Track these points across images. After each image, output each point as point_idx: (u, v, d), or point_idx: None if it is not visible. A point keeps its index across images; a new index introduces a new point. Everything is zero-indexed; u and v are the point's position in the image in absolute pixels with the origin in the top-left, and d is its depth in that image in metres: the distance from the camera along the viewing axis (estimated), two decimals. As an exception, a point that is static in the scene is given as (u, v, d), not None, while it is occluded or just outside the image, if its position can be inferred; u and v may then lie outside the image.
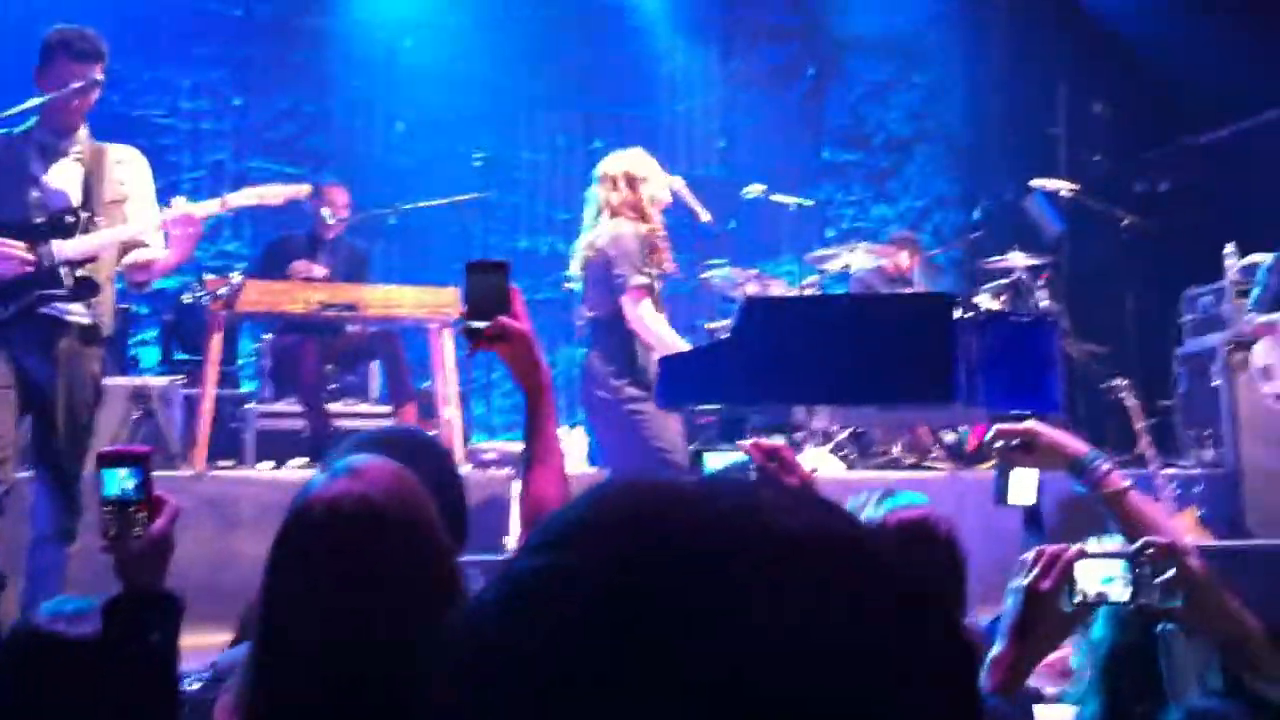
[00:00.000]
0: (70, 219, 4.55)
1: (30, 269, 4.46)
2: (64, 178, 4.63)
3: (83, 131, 4.70)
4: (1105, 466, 2.31)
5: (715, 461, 2.40)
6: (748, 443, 2.39)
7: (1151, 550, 1.96)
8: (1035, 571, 2.00)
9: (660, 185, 5.46)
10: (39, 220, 4.55)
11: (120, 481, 2.14)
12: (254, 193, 4.99)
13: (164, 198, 4.88)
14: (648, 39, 9.78)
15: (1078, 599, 1.98)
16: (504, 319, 2.28)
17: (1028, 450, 2.38)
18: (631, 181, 5.35)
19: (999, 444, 2.41)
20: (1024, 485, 2.42)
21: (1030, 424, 2.41)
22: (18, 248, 4.43)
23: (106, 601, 2.03)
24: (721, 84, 10.12)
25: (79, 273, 4.54)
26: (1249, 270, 7.10)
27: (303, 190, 5.15)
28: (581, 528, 0.69)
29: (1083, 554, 2.01)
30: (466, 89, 9.22)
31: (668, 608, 0.64)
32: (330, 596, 1.67)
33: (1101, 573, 1.98)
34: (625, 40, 9.78)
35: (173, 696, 1.94)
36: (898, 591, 0.68)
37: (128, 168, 4.75)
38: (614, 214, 5.33)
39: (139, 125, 8.45)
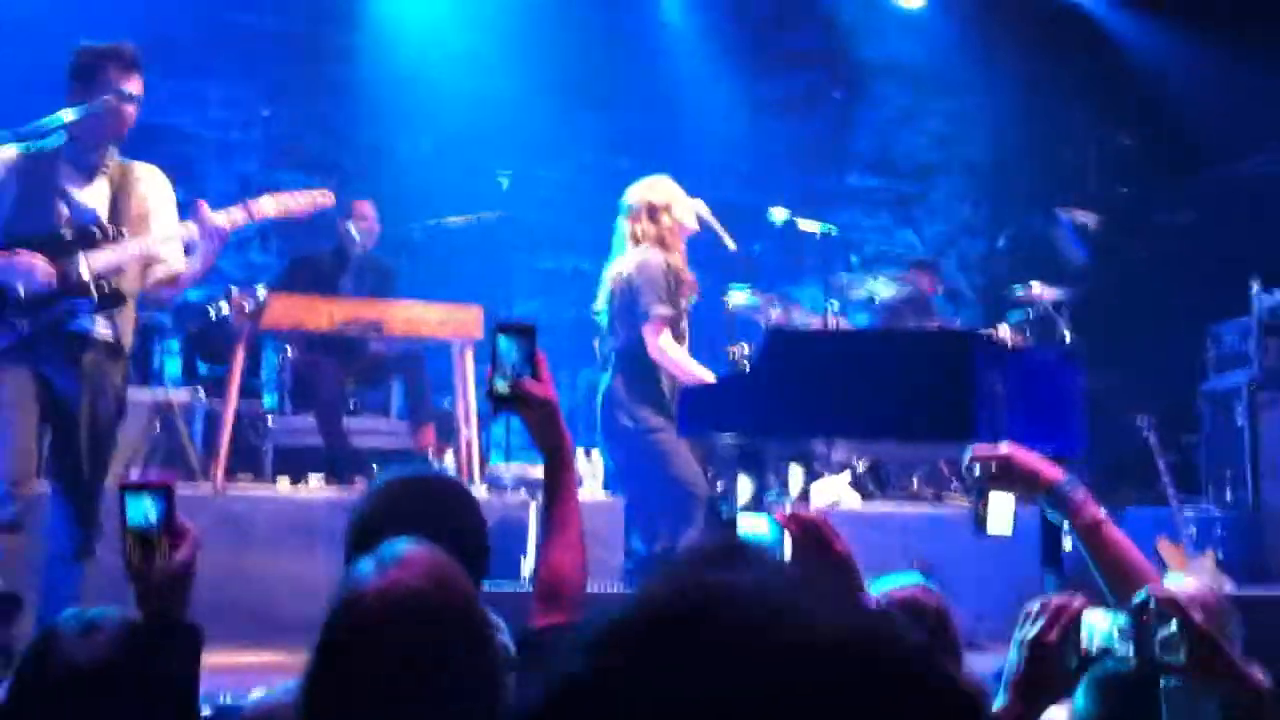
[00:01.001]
0: (98, 232, 4.55)
1: (54, 283, 4.47)
2: (92, 193, 4.64)
3: (113, 148, 4.71)
4: (1080, 495, 2.27)
5: (747, 527, 2.35)
6: (785, 511, 2.35)
7: (1154, 604, 1.93)
8: (1040, 624, 1.96)
9: (685, 212, 5.47)
10: (66, 235, 4.55)
11: (144, 511, 2.15)
12: (280, 201, 4.98)
13: (188, 210, 4.90)
14: (675, 60, 9.78)
15: (1081, 653, 1.95)
16: (529, 383, 2.29)
17: (1003, 476, 2.34)
18: (653, 211, 5.36)
19: (975, 470, 2.37)
20: (1002, 513, 2.38)
21: (1004, 448, 2.37)
22: (39, 263, 4.44)
23: (130, 627, 2.04)
24: (748, 107, 10.11)
25: (105, 288, 4.54)
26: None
27: (327, 199, 5.15)
28: (631, 632, 0.72)
29: (1087, 604, 1.98)
30: (493, 106, 9.23)
31: None
32: (380, 687, 1.69)
33: (1105, 626, 1.96)
34: (652, 61, 9.79)
35: None
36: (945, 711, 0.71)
37: (149, 184, 4.76)
38: (639, 243, 5.33)
39: (167, 135, 8.49)
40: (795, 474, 5.86)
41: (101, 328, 4.58)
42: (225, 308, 6.27)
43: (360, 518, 2.34)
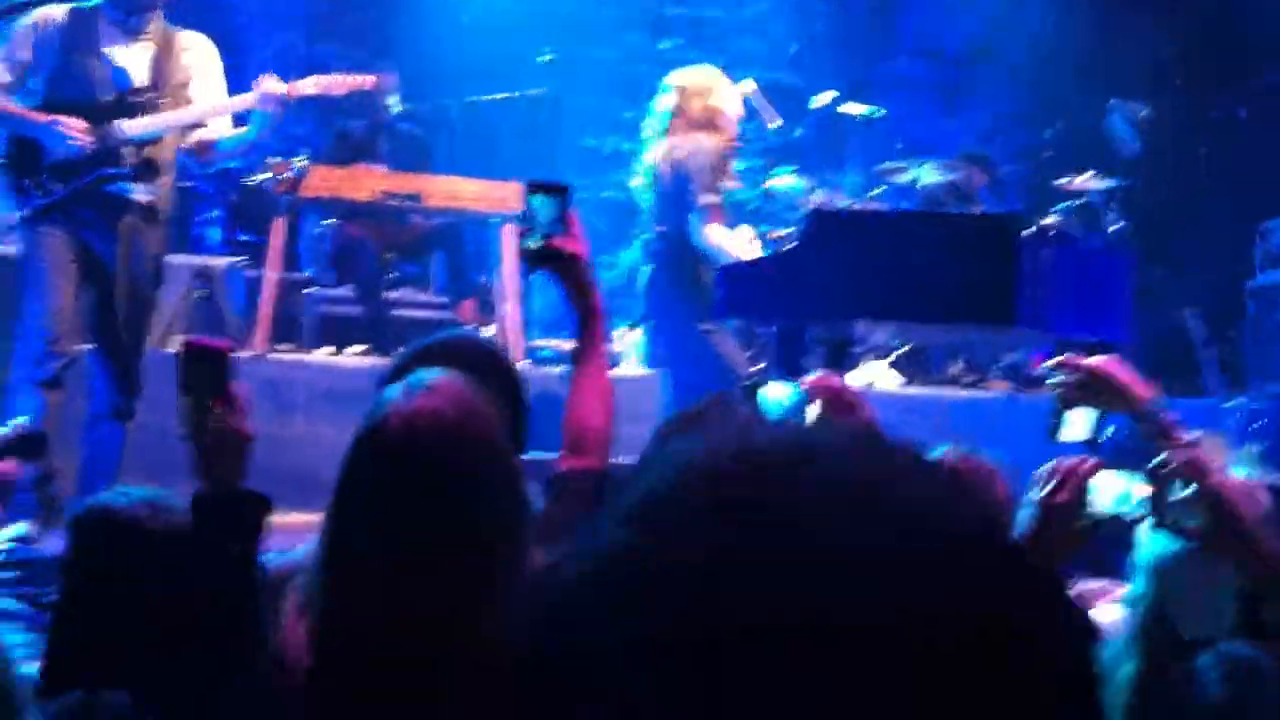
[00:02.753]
0: (136, 99, 4.55)
1: (90, 147, 4.47)
2: (133, 58, 4.62)
3: (157, 13, 4.67)
4: (1171, 417, 2.19)
5: (769, 394, 2.35)
6: (809, 380, 2.33)
7: (1172, 465, 1.90)
8: (1051, 484, 1.95)
9: (732, 100, 5.38)
10: (105, 99, 4.55)
11: (200, 375, 2.11)
12: (320, 81, 4.97)
13: (233, 77, 4.88)
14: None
15: (1092, 513, 1.93)
16: (559, 240, 2.29)
17: (1088, 388, 2.28)
18: (700, 95, 5.27)
19: (1059, 377, 2.30)
20: (1080, 422, 2.33)
21: (1095, 362, 2.29)
22: (77, 126, 4.45)
23: (196, 497, 2.03)
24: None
25: (143, 153, 4.56)
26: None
27: (367, 81, 5.13)
28: (668, 507, 0.67)
29: (1100, 466, 1.96)
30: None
31: (757, 598, 0.62)
32: (405, 511, 1.69)
33: (1119, 488, 1.94)
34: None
35: (254, 594, 1.95)
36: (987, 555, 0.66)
37: (195, 53, 4.74)
38: (681, 129, 5.24)
39: (211, 4, 8.41)
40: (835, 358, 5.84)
41: (139, 192, 4.60)
42: (266, 176, 6.26)
43: (396, 370, 2.34)
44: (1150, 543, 2.13)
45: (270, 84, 4.67)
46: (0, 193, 4.63)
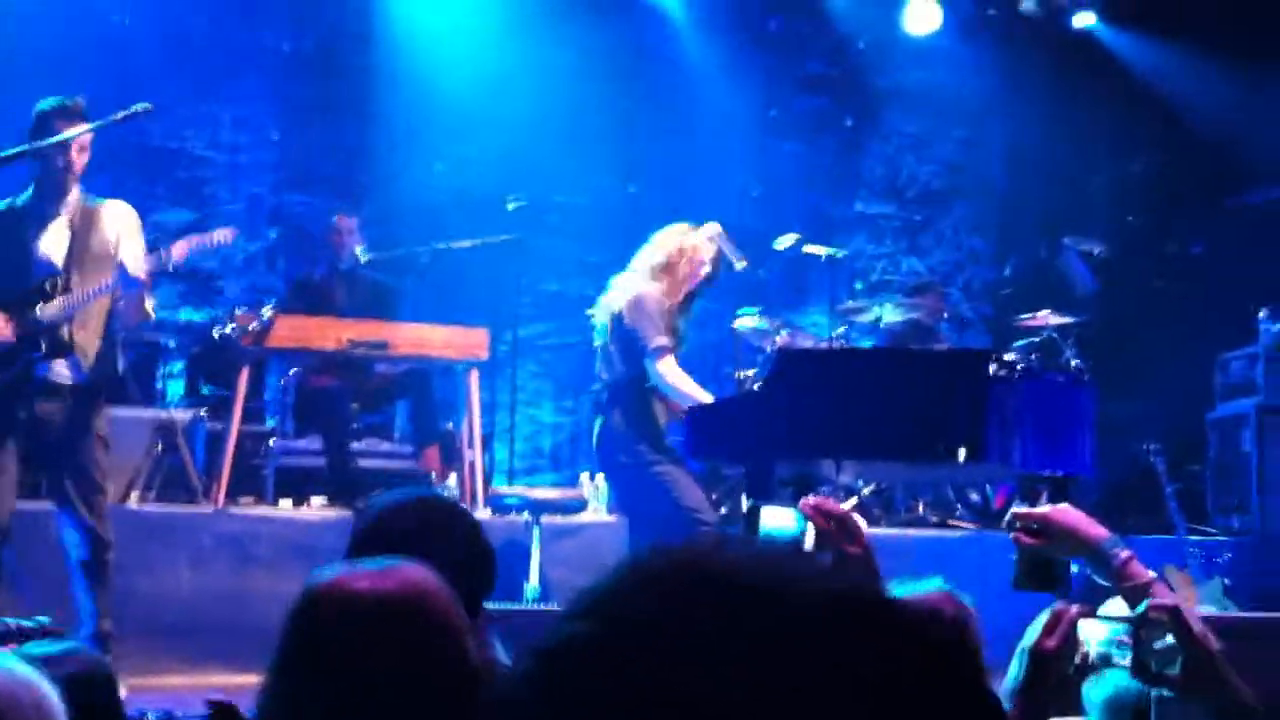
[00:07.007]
0: (48, 284, 4.77)
1: (11, 337, 4.71)
2: (52, 242, 4.85)
3: (74, 194, 4.89)
4: (1124, 555, 2.19)
5: (771, 519, 2.29)
6: (809, 501, 2.28)
7: (1154, 614, 1.92)
8: (1040, 630, 1.97)
9: (704, 262, 5.43)
10: (25, 288, 4.78)
11: None
12: (184, 245, 5.04)
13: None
14: (687, 84, 9.79)
15: (1080, 660, 1.95)
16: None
17: (1044, 535, 2.27)
18: (678, 256, 5.34)
19: (1016, 526, 2.32)
20: (1041, 570, 2.34)
21: (1045, 509, 2.31)
22: (0, 318, 4.69)
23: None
24: (759, 131, 10.12)
25: (62, 333, 4.75)
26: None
27: (225, 235, 5.24)
28: (612, 597, 0.72)
29: (1086, 614, 1.98)
30: (505, 129, 9.24)
31: (694, 687, 0.65)
32: (333, 687, 1.66)
33: (1105, 635, 1.96)
34: (664, 85, 9.80)
35: None
36: (926, 656, 0.69)
37: (116, 222, 4.95)
38: (642, 280, 5.30)
39: (177, 158, 8.50)
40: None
41: (63, 373, 4.79)
42: (230, 328, 6.26)
43: (358, 538, 2.32)
44: (1105, 683, 2.14)
45: (134, 267, 4.77)
46: None
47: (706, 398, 5.18)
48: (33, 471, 5.01)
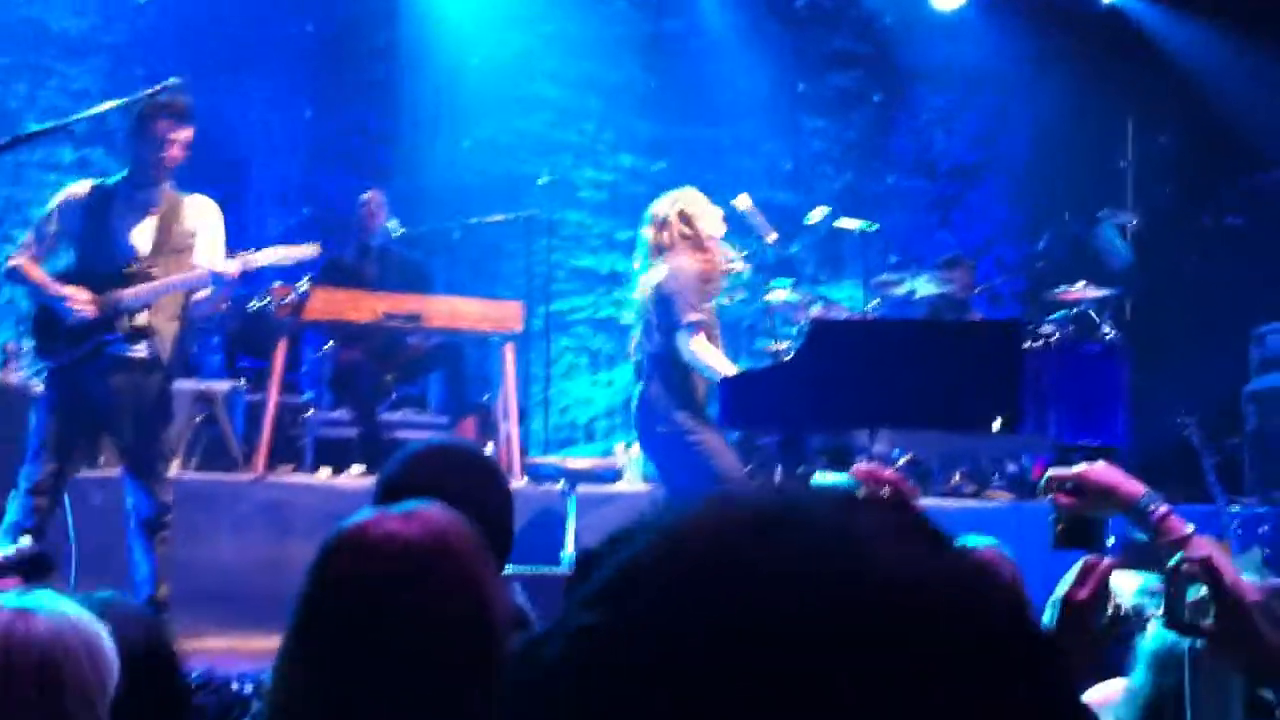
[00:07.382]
0: (135, 270, 4.96)
1: (91, 316, 4.90)
2: (141, 229, 5.05)
3: (165, 185, 5.09)
4: (1162, 510, 2.20)
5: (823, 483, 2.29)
6: (860, 468, 2.27)
7: (1186, 566, 1.92)
8: (1071, 581, 1.97)
9: (711, 221, 5.42)
10: (111, 270, 4.99)
11: None
12: (271, 253, 5.28)
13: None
14: (715, 61, 9.78)
15: (1111, 612, 1.95)
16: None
17: (1080, 493, 2.29)
18: (687, 219, 5.33)
19: (1052, 488, 2.33)
20: (1080, 529, 2.35)
21: (1081, 468, 2.31)
22: (81, 298, 4.91)
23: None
24: (788, 108, 10.10)
25: (138, 318, 4.97)
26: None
27: (312, 251, 5.47)
28: (636, 583, 0.64)
29: (1118, 565, 1.98)
30: (533, 107, 9.26)
31: (738, 680, 0.60)
32: (356, 634, 1.63)
33: (1137, 587, 1.95)
34: (692, 62, 9.79)
35: None
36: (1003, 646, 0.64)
37: (198, 217, 5.15)
38: (664, 253, 5.30)
39: (211, 136, 8.54)
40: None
41: (136, 349, 5.01)
42: (268, 301, 6.32)
43: (386, 481, 2.33)
44: (1154, 636, 2.14)
45: (222, 264, 5.03)
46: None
47: (735, 373, 5.19)
48: (95, 441, 5.28)
